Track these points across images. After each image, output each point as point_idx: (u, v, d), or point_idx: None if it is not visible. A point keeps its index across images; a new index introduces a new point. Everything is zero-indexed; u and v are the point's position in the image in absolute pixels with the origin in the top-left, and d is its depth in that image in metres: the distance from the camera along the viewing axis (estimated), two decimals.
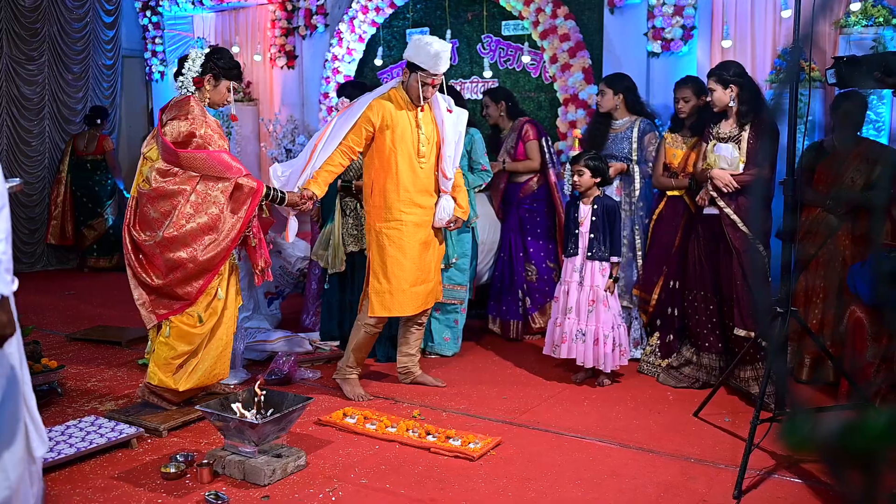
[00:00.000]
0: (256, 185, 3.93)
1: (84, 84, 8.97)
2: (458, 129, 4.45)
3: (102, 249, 8.69)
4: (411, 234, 4.34)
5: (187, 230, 3.80)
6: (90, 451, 3.56)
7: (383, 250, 4.33)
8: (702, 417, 4.08)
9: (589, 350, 4.52)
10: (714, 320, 4.49)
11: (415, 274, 4.36)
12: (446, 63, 4.23)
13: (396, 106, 4.30)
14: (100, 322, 6.19)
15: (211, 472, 3.36)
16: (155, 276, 3.88)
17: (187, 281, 3.85)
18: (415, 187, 4.34)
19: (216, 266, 3.89)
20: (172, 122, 3.89)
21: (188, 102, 3.94)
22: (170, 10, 8.82)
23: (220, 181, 3.86)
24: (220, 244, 3.86)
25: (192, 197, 3.83)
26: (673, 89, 4.85)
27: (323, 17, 7.56)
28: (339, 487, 3.30)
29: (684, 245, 4.68)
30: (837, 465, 1.24)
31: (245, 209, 3.90)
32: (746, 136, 4.29)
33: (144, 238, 3.87)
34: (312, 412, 4.12)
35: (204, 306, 3.92)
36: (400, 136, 4.29)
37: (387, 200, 4.32)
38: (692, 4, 5.61)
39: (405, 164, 4.30)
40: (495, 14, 6.60)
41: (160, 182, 3.84)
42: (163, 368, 3.92)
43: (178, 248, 3.81)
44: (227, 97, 4.13)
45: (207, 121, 3.92)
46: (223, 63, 4.05)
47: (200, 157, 3.84)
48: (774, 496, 3.22)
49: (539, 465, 3.52)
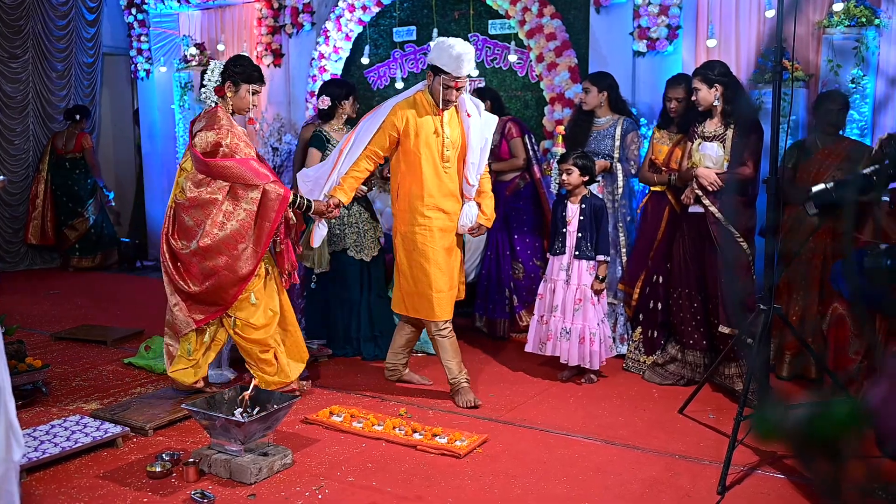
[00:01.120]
0: (284, 192, 4.03)
1: (67, 82, 8.92)
2: (483, 134, 4.33)
3: (85, 249, 8.63)
4: (435, 239, 4.28)
5: (220, 238, 3.95)
6: (75, 450, 3.54)
7: (409, 255, 4.31)
8: (686, 414, 4.11)
9: (574, 348, 4.54)
10: (699, 318, 4.52)
11: (440, 279, 4.28)
12: (470, 65, 4.13)
13: (420, 110, 4.24)
14: (84, 321, 6.16)
15: (197, 471, 3.36)
16: (191, 283, 4.03)
17: (223, 288, 4.01)
18: (440, 192, 4.27)
19: (250, 273, 4.03)
20: (200, 133, 4.01)
21: (215, 113, 4.08)
22: (155, 8, 8.78)
23: (249, 189, 3.99)
24: (253, 251, 4.00)
25: (223, 205, 3.97)
26: (664, 87, 4.88)
27: (309, 16, 7.54)
28: (326, 485, 3.30)
29: (666, 239, 4.72)
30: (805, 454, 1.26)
31: (273, 215, 4.00)
32: (731, 135, 4.32)
33: (181, 246, 4.02)
34: (299, 410, 4.12)
35: (251, 311, 4.08)
36: (424, 141, 4.22)
37: (412, 205, 4.28)
38: (677, 4, 5.65)
39: (430, 168, 4.24)
40: (482, 13, 6.61)
41: (194, 192, 4.00)
42: (267, 370, 4.16)
43: (213, 256, 3.97)
44: (249, 101, 4.18)
45: (233, 130, 4.04)
46: (240, 68, 4.13)
47: (228, 165, 3.97)
48: (758, 491, 3.25)
49: (525, 463, 3.54)
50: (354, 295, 5.12)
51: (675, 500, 3.19)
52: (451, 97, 4.20)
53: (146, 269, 8.72)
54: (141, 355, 4.99)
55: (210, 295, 4.03)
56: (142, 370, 4.90)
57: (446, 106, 4.24)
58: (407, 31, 7.08)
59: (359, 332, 5.19)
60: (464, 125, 4.30)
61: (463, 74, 4.13)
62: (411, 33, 7.07)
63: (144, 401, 4.21)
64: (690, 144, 4.48)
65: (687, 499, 3.20)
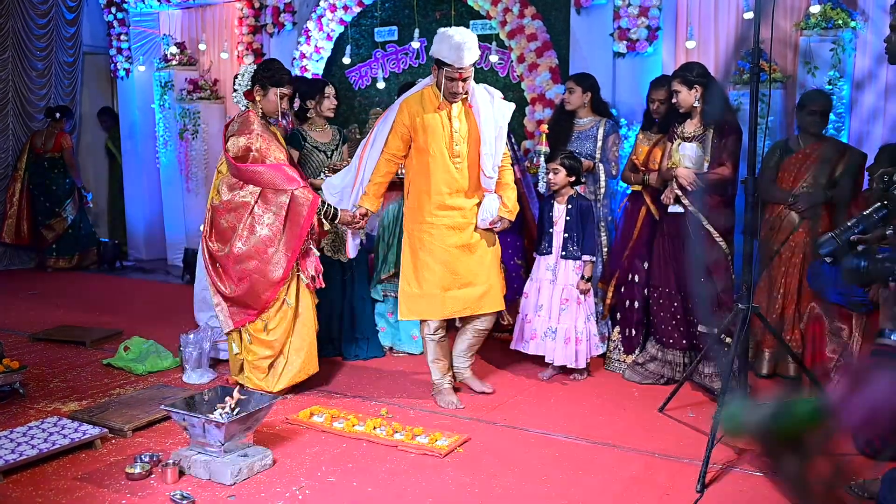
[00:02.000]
0: (313, 198, 4.10)
1: (47, 81, 8.84)
2: (497, 123, 4.13)
3: (62, 249, 8.56)
4: (443, 237, 4.14)
5: (252, 243, 4.06)
6: (53, 452, 3.51)
7: (415, 253, 4.20)
8: (666, 413, 4.14)
9: (559, 348, 4.56)
10: (678, 317, 4.55)
11: (447, 278, 4.15)
12: (472, 54, 3.94)
13: (428, 105, 4.10)
14: (63, 322, 6.11)
15: (176, 472, 3.34)
16: (229, 285, 4.15)
17: (256, 293, 4.11)
18: (449, 189, 4.13)
19: (282, 278, 4.11)
20: (232, 138, 4.10)
21: (247, 117, 4.15)
22: (135, 7, 8.72)
23: (279, 194, 4.06)
24: (283, 255, 4.08)
25: (255, 209, 4.06)
26: (648, 88, 4.91)
27: (291, 15, 7.52)
28: (306, 486, 3.29)
29: (642, 239, 4.76)
30: (772, 450, 1.28)
31: (303, 221, 4.07)
32: (710, 136, 4.35)
33: (217, 248, 4.16)
34: (279, 411, 4.10)
35: (273, 313, 4.16)
36: (431, 136, 4.08)
37: (419, 202, 4.17)
38: (657, 6, 5.68)
39: (438, 165, 4.10)
40: (463, 13, 6.63)
41: (227, 195, 4.11)
42: (255, 374, 4.23)
43: (245, 260, 4.08)
44: (278, 105, 4.20)
45: (264, 134, 4.09)
46: (269, 72, 4.17)
47: (259, 170, 4.05)
48: (737, 489, 3.28)
49: (506, 462, 3.54)
50: (333, 295, 5.10)
51: (654, 499, 3.21)
52: (456, 89, 4.01)
53: (125, 269, 8.65)
54: (120, 356, 4.96)
55: (245, 298, 4.13)
56: (121, 371, 4.86)
57: (453, 99, 4.07)
58: (388, 31, 7.08)
59: (340, 332, 5.17)
60: (475, 116, 4.12)
61: (465, 65, 3.94)
62: (393, 33, 7.07)
63: (123, 402, 4.18)
64: (670, 145, 4.51)
65: (666, 497, 3.22)
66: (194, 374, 4.66)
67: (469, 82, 4.03)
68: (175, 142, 8.36)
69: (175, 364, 4.93)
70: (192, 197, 8.38)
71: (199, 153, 8.25)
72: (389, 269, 5.25)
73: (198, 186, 8.32)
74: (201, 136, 8.22)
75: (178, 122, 8.25)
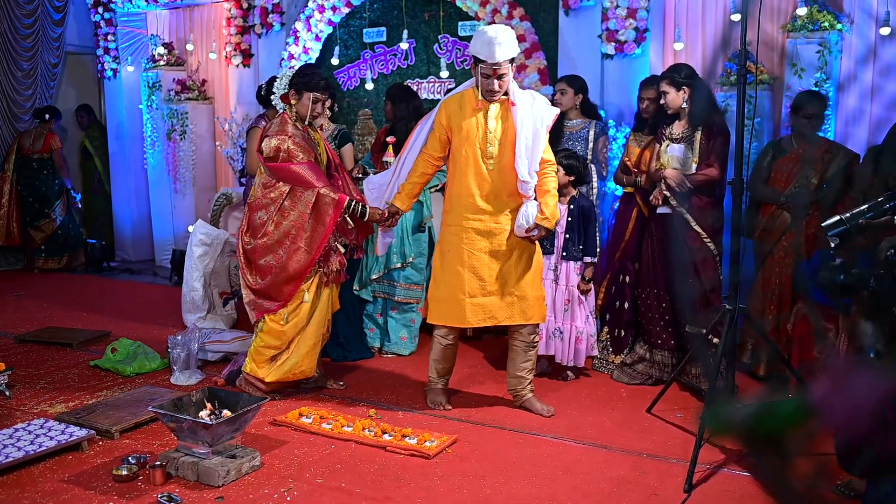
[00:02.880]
0: (339, 197, 4.16)
1: (33, 81, 8.79)
2: (534, 125, 3.94)
3: (51, 250, 8.50)
4: (472, 241, 4.01)
5: (275, 238, 4.18)
6: (39, 454, 3.49)
7: (443, 255, 4.11)
8: (654, 413, 4.15)
9: (567, 347, 4.62)
10: (667, 318, 4.57)
11: (473, 284, 4.00)
12: (506, 50, 3.80)
13: (466, 104, 4.00)
14: (50, 323, 6.07)
15: (164, 474, 3.32)
16: (254, 278, 4.28)
17: (277, 286, 4.21)
18: (481, 191, 3.99)
19: (302, 273, 4.20)
20: (266, 139, 4.23)
21: (282, 120, 4.27)
22: (123, 7, 8.68)
23: (306, 191, 4.16)
24: (305, 253, 4.17)
25: (283, 205, 4.18)
26: (638, 89, 4.93)
27: (279, 16, 7.51)
28: (295, 487, 3.29)
29: (634, 240, 4.77)
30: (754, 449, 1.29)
31: (327, 220, 4.15)
32: (699, 137, 4.37)
33: (246, 241, 4.30)
34: (268, 412, 4.09)
35: (292, 308, 4.25)
36: (465, 137, 3.98)
37: (451, 204, 4.08)
38: (645, 7, 5.71)
39: (470, 166, 3.98)
40: (452, 14, 6.63)
41: (261, 192, 4.27)
42: (255, 359, 4.31)
43: (266, 254, 4.21)
44: (312, 109, 4.29)
45: (294, 136, 4.19)
46: (304, 77, 4.27)
47: (285, 169, 4.18)
48: (724, 489, 3.29)
49: (494, 463, 3.55)
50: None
51: (642, 499, 3.22)
52: (491, 87, 3.88)
53: (113, 270, 8.61)
54: (107, 358, 4.93)
55: (268, 290, 4.24)
56: (108, 373, 4.83)
57: (489, 97, 3.94)
58: (377, 33, 7.08)
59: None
60: (514, 118, 3.96)
61: (498, 60, 3.80)
62: (381, 34, 7.06)
63: (110, 403, 4.16)
64: (658, 146, 4.53)
65: (654, 497, 3.23)
66: (182, 376, 4.64)
67: (506, 80, 3.90)
68: (163, 142, 8.32)
69: (163, 365, 4.91)
70: (180, 198, 8.34)
71: (187, 154, 8.22)
72: (380, 269, 5.24)
73: (185, 187, 8.28)
74: (189, 137, 8.19)
75: (165, 122, 8.21)
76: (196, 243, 5.75)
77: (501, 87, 3.90)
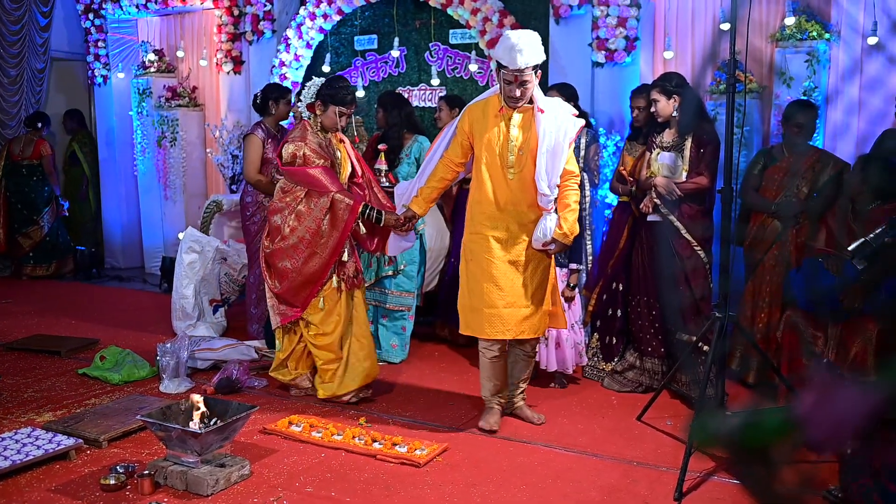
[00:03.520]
0: (353, 203, 4.19)
1: (19, 88, 8.74)
2: (555, 136, 3.80)
3: (39, 257, 8.44)
4: (491, 249, 3.90)
5: (290, 243, 4.23)
6: (26, 463, 3.46)
7: (467, 265, 4.01)
8: (644, 421, 4.15)
9: (552, 354, 4.60)
10: (657, 325, 4.57)
11: (493, 295, 3.88)
12: (527, 56, 3.68)
13: (490, 111, 3.90)
14: (38, 331, 6.03)
15: (152, 483, 3.30)
16: (273, 282, 4.33)
17: (295, 290, 4.27)
18: (502, 200, 3.88)
19: (319, 278, 4.25)
20: (286, 145, 4.29)
21: (303, 128, 4.33)
22: (113, 14, 8.66)
23: (321, 196, 4.20)
24: (320, 257, 4.21)
25: (298, 208, 4.23)
26: (629, 97, 4.95)
27: (270, 23, 7.50)
28: (284, 496, 3.27)
29: (627, 248, 4.78)
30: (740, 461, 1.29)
31: (343, 225, 4.19)
32: (689, 145, 4.39)
33: (265, 245, 4.36)
34: (257, 421, 4.08)
35: (322, 317, 4.30)
36: (487, 144, 3.88)
37: (472, 212, 3.99)
38: (635, 16, 5.73)
39: (491, 174, 3.89)
40: (443, 22, 6.64)
41: (278, 197, 4.32)
42: (323, 377, 4.39)
43: (283, 258, 4.26)
44: (337, 122, 4.32)
45: (309, 143, 4.24)
46: (332, 90, 4.29)
47: (300, 172, 4.23)
48: (714, 497, 3.30)
49: (485, 471, 3.54)
50: None
51: None
52: (512, 93, 3.77)
53: (102, 277, 8.57)
54: (96, 366, 4.90)
55: (286, 295, 4.29)
56: (96, 381, 4.80)
57: (512, 104, 3.83)
58: (368, 40, 7.09)
59: None
60: (537, 126, 3.84)
61: (520, 66, 3.68)
62: (372, 42, 7.07)
63: (99, 412, 4.14)
64: (649, 154, 4.54)
65: None
66: (171, 384, 4.62)
67: (529, 87, 3.78)
68: (153, 149, 8.30)
69: (152, 373, 4.88)
70: (170, 205, 8.31)
71: (178, 161, 8.19)
72: (371, 276, 5.23)
73: (175, 194, 8.26)
74: (180, 144, 8.16)
75: (156, 129, 8.19)
76: (186, 250, 5.73)
77: (524, 95, 3.79)
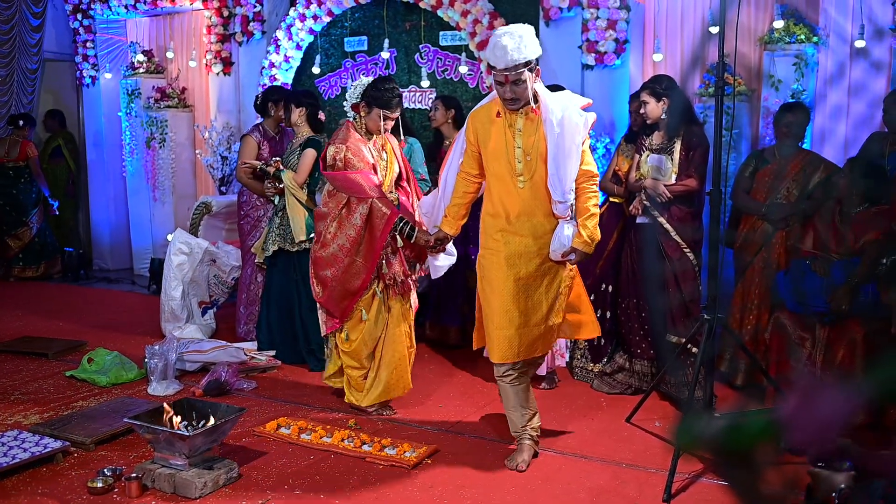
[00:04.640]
0: (389, 213, 4.07)
1: (9, 88, 8.69)
2: (563, 140, 3.48)
3: (28, 258, 8.39)
4: (503, 265, 3.57)
5: (331, 251, 4.15)
6: (13, 466, 3.44)
7: (481, 283, 3.69)
8: (634, 423, 4.16)
9: None
10: (646, 327, 4.58)
11: (506, 316, 3.56)
12: (514, 54, 3.35)
13: (492, 117, 3.60)
14: (25, 333, 5.99)
15: (140, 486, 3.29)
16: (316, 289, 4.25)
17: (334, 300, 4.18)
18: (512, 211, 3.57)
19: (359, 288, 4.15)
20: (328, 147, 4.22)
21: (345, 128, 4.24)
22: (102, 14, 8.61)
23: (360, 203, 4.08)
24: (362, 265, 4.13)
25: (341, 214, 4.14)
26: (629, 100, 4.96)
27: (260, 24, 7.48)
28: (273, 499, 3.26)
29: (617, 249, 4.79)
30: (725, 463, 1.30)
31: (379, 233, 4.08)
32: (678, 147, 4.40)
33: (314, 251, 4.28)
34: (246, 423, 4.06)
35: (353, 324, 4.21)
36: (493, 152, 3.59)
37: (485, 225, 3.69)
38: (625, 19, 5.74)
39: (499, 183, 3.60)
40: (433, 24, 6.64)
41: (323, 202, 4.27)
42: (353, 384, 4.31)
43: (325, 266, 4.17)
44: (381, 125, 4.20)
45: (352, 146, 4.13)
46: (377, 93, 4.16)
47: (340, 177, 4.13)
48: (702, 499, 3.31)
49: (474, 473, 3.54)
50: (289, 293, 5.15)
51: None
52: (505, 94, 3.46)
53: (90, 279, 8.52)
54: (83, 368, 4.87)
55: (328, 304, 4.22)
56: (84, 383, 4.78)
57: (510, 106, 3.52)
58: (358, 41, 7.08)
59: (302, 342, 5.17)
60: (544, 129, 3.54)
61: (502, 66, 3.38)
62: (362, 43, 7.06)
63: (86, 415, 4.12)
64: (639, 157, 4.55)
65: None
66: (160, 387, 4.60)
67: (524, 87, 3.44)
68: (142, 150, 8.26)
69: (140, 376, 4.86)
70: (159, 206, 8.27)
71: (167, 162, 8.15)
72: None
73: (164, 195, 8.22)
74: (168, 145, 8.13)
75: (144, 130, 8.15)
76: (175, 252, 5.71)
77: (520, 95, 3.47)
